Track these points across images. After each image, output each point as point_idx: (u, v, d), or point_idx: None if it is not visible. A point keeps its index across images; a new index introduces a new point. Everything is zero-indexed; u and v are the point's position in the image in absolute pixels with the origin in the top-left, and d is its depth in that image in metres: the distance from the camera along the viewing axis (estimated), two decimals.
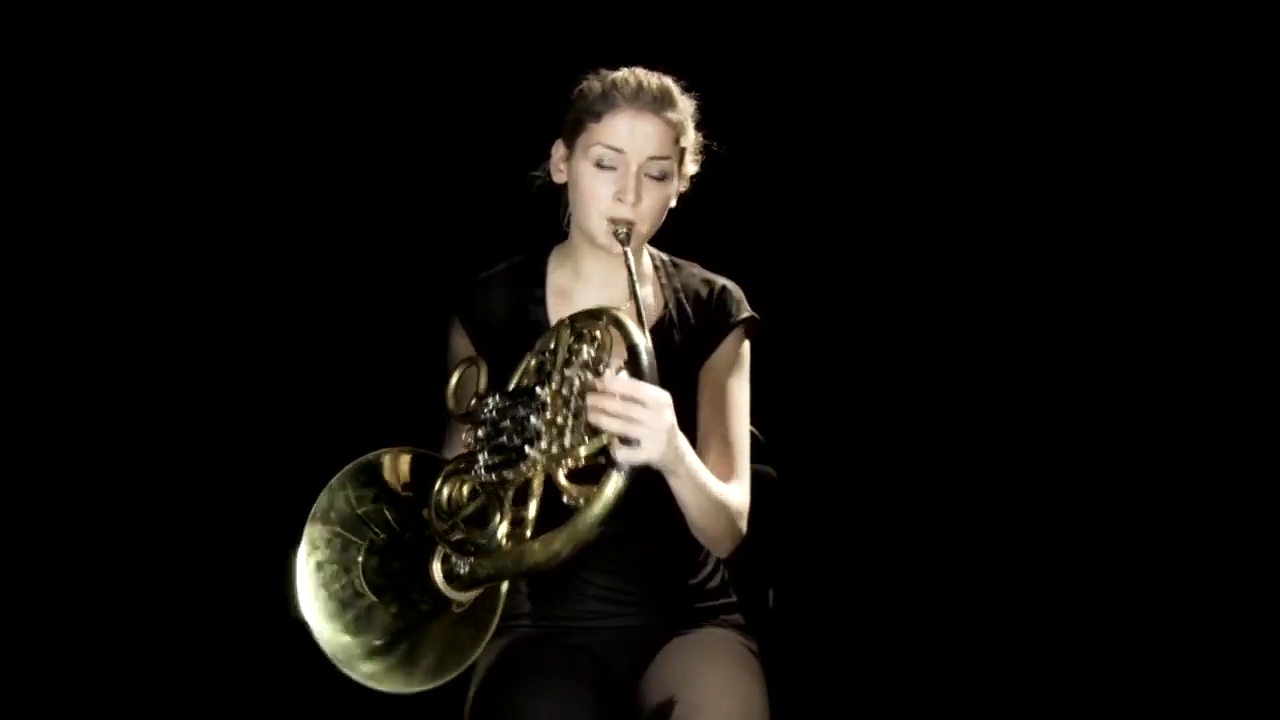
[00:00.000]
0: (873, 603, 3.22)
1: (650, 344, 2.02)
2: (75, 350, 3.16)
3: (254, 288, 3.23)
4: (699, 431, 2.27)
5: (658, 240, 2.34)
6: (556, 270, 2.36)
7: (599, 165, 2.21)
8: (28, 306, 3.13)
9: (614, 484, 1.97)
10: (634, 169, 2.19)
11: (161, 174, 3.18)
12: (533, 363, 2.11)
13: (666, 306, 2.33)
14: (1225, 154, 3.12)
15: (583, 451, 1.99)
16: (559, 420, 2.01)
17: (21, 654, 3.02)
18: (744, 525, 2.24)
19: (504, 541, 2.02)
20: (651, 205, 2.21)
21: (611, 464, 1.97)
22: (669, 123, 2.21)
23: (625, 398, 1.96)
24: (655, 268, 2.37)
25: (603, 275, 2.31)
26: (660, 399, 1.98)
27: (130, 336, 3.19)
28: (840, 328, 3.26)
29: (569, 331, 2.08)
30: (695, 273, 2.38)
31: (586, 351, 2.05)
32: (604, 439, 1.98)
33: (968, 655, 3.13)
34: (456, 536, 2.04)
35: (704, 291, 2.35)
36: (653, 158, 2.20)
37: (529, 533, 2.02)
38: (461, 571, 2.04)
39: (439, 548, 2.06)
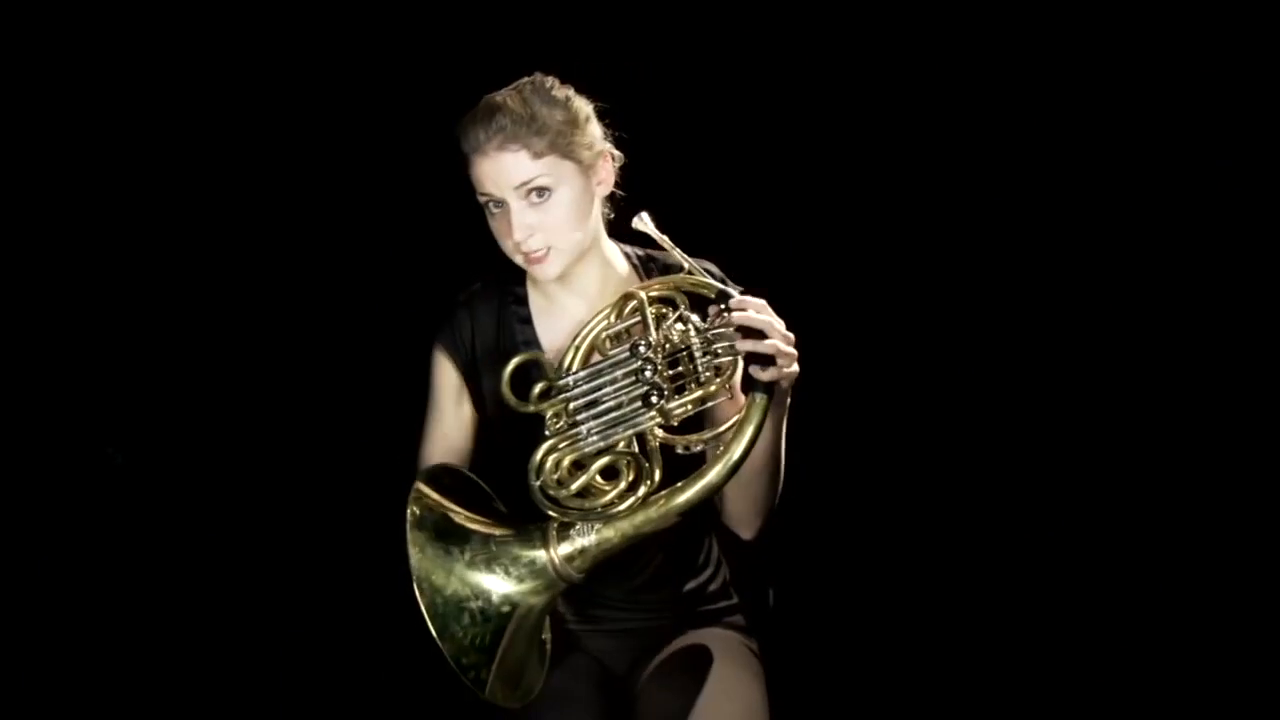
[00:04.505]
0: (873, 603, 3.22)
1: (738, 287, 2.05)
2: (75, 350, 3.16)
3: (255, 290, 3.23)
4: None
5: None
6: (535, 284, 2.27)
7: (486, 208, 2.15)
8: (28, 306, 3.14)
9: (760, 405, 1.97)
10: (511, 203, 2.09)
11: (163, 175, 3.18)
12: (600, 337, 2.10)
13: None
14: (1225, 154, 3.12)
15: (713, 389, 1.99)
16: (680, 368, 2.01)
17: (21, 654, 3.03)
18: None
19: (630, 504, 2.01)
20: (552, 222, 2.10)
21: (752, 388, 1.98)
22: (519, 141, 2.08)
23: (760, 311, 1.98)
24: (633, 267, 2.28)
25: (576, 287, 2.23)
26: (778, 318, 2.00)
27: (130, 337, 3.19)
28: (838, 326, 3.26)
29: (645, 297, 2.07)
30: (675, 264, 2.27)
31: (675, 311, 2.04)
32: (731, 374, 1.99)
33: (968, 655, 3.13)
34: (573, 511, 2.02)
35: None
36: (519, 186, 2.09)
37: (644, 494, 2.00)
38: (579, 545, 2.02)
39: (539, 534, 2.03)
